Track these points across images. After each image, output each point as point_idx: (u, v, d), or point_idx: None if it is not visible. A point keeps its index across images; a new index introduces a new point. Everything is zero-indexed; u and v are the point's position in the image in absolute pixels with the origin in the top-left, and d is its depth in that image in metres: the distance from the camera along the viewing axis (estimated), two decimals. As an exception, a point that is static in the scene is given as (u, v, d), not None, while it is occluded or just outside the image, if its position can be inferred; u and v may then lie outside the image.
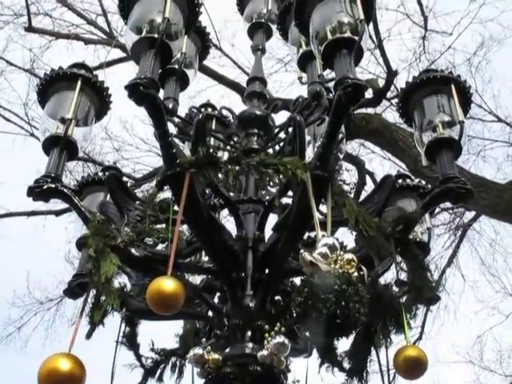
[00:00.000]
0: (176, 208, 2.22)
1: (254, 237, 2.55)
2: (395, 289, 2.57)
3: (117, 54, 6.78)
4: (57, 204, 7.44)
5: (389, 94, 6.54)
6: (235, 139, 3.07)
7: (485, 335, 9.61)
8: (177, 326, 2.92)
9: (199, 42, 3.33)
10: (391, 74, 6.04)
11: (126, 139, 7.76)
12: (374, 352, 2.40)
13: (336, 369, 2.67)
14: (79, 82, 2.77)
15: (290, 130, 2.91)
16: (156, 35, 2.30)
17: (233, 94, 7.53)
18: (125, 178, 3.79)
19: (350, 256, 1.89)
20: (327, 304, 1.74)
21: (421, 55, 8.89)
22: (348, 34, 2.30)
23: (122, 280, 2.65)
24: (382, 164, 7.95)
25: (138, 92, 2.12)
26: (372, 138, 6.15)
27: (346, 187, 2.24)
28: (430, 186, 3.13)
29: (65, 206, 7.60)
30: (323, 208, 2.27)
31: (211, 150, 2.32)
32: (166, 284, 1.87)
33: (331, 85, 2.68)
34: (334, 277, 1.78)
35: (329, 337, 1.86)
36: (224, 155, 3.06)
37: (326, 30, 2.38)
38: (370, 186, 7.51)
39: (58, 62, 7.78)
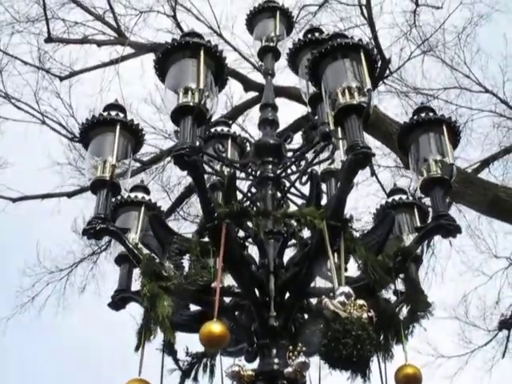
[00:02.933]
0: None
1: (274, 263, 3.01)
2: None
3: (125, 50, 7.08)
4: (70, 187, 7.89)
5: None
6: (252, 167, 3.48)
7: (470, 295, 10.25)
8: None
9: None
10: (385, 63, 6.39)
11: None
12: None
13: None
14: (118, 127, 3.17)
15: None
16: (191, 103, 2.71)
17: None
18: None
19: (361, 302, 2.37)
20: (346, 347, 2.21)
21: (411, 28, 9.21)
22: (357, 100, 2.71)
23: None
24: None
25: (182, 161, 2.53)
26: (367, 129, 6.53)
27: (355, 234, 2.68)
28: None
29: (76, 187, 8.04)
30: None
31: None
32: (215, 328, 2.33)
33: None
34: (351, 323, 2.26)
35: (345, 370, 2.34)
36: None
37: (337, 91, 2.79)
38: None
39: (69, 59, 8.02)
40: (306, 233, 2.93)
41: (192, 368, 3.28)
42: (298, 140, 3.80)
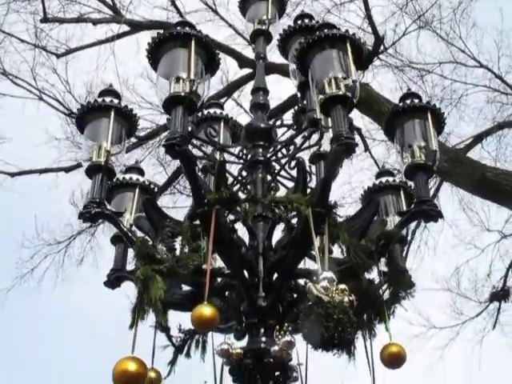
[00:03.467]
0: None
1: (263, 245, 3.13)
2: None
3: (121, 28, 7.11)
4: (67, 162, 7.99)
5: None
6: (243, 151, 3.58)
7: (462, 267, 10.44)
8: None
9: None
10: (379, 39, 6.45)
11: (128, 97, 8.16)
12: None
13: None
14: (112, 113, 3.27)
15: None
16: (182, 93, 2.80)
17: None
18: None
19: (342, 286, 2.49)
20: (328, 330, 2.35)
21: (408, 2, 9.21)
22: (342, 91, 2.80)
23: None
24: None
25: (173, 150, 2.64)
26: (360, 108, 6.63)
27: (340, 219, 2.80)
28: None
29: (74, 162, 8.14)
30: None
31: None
32: (206, 311, 2.46)
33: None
34: (333, 307, 2.39)
35: (326, 350, 2.48)
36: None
37: (324, 81, 2.88)
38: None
39: (66, 36, 8.02)
40: (294, 216, 3.05)
41: (184, 344, 3.41)
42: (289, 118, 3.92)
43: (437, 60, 9.89)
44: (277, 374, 2.87)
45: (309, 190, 3.16)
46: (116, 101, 3.31)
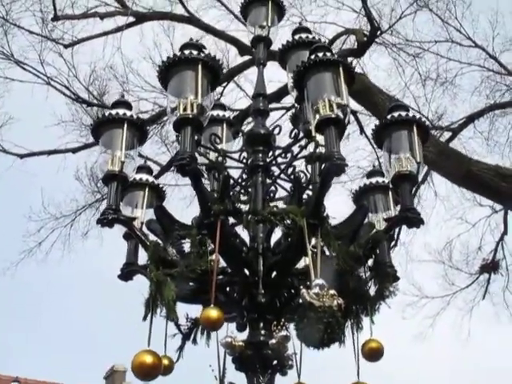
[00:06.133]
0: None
1: (263, 246, 3.48)
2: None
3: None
4: (74, 143, 8.30)
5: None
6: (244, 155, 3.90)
7: (453, 241, 10.85)
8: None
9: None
10: (374, 31, 6.70)
11: (132, 80, 8.42)
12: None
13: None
14: (125, 125, 3.57)
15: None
16: (191, 115, 3.11)
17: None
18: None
19: (332, 292, 2.85)
20: (318, 332, 2.71)
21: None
22: (335, 113, 3.11)
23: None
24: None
25: (183, 169, 2.97)
26: (355, 98, 6.91)
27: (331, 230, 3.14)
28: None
29: (80, 143, 8.46)
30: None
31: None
32: (213, 313, 2.83)
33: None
34: (323, 312, 2.75)
35: (317, 349, 2.85)
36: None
37: (318, 102, 3.19)
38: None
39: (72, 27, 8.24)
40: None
41: (191, 332, 3.79)
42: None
43: (433, 39, 10.13)
44: (274, 363, 3.25)
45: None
46: (129, 113, 3.61)
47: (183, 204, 9.20)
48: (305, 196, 3.62)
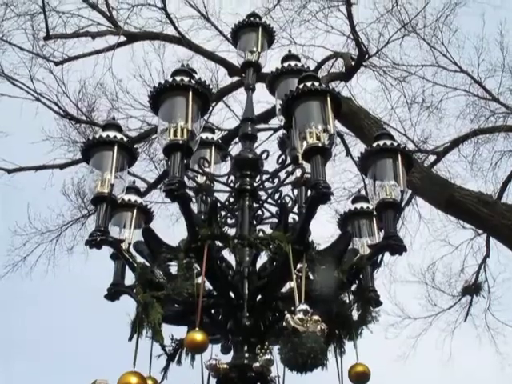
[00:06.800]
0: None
1: (248, 270, 3.54)
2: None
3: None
4: (61, 159, 8.34)
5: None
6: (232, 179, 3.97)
7: (437, 262, 10.96)
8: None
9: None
10: (362, 55, 6.82)
11: (122, 98, 8.49)
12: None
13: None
14: (116, 148, 3.63)
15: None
16: (180, 141, 3.17)
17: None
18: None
19: (316, 317, 2.92)
20: (302, 356, 2.77)
21: (393, 8, 9.54)
22: (322, 143, 3.18)
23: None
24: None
25: (172, 195, 3.03)
26: (341, 121, 7.02)
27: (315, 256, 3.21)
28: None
29: (67, 159, 8.49)
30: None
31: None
32: (198, 337, 2.88)
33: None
34: (306, 337, 2.81)
35: (300, 373, 2.90)
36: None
37: (305, 131, 3.26)
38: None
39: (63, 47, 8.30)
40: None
41: (176, 353, 3.83)
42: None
43: (420, 63, 10.30)
44: (258, 385, 3.30)
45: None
46: (119, 136, 3.67)
47: (169, 222, 9.24)
48: (291, 220, 3.72)
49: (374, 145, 3.72)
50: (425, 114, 9.62)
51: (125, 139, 3.69)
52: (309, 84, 3.34)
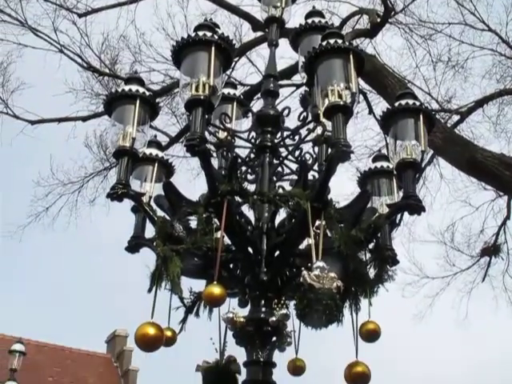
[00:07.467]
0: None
1: (267, 226, 3.57)
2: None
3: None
4: (84, 111, 8.37)
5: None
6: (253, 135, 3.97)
7: (456, 223, 10.94)
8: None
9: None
10: (388, 12, 6.69)
11: (145, 51, 8.45)
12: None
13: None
14: (138, 102, 3.64)
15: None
16: (202, 97, 3.17)
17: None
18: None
19: (332, 274, 2.95)
20: (318, 313, 2.82)
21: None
22: (343, 101, 3.17)
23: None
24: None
25: (193, 150, 3.05)
26: (365, 79, 6.93)
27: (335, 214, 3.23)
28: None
29: (90, 112, 8.52)
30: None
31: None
32: (216, 290, 2.94)
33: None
34: (322, 294, 2.85)
35: (316, 329, 2.95)
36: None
37: (327, 89, 3.25)
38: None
39: None
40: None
41: (194, 305, 3.90)
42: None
43: (447, 21, 10.09)
44: (273, 339, 3.37)
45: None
46: (141, 90, 3.68)
47: (190, 175, 9.31)
48: (310, 177, 3.73)
49: (396, 104, 3.69)
50: (450, 73, 9.48)
51: (147, 93, 3.70)
52: (332, 41, 3.31)
